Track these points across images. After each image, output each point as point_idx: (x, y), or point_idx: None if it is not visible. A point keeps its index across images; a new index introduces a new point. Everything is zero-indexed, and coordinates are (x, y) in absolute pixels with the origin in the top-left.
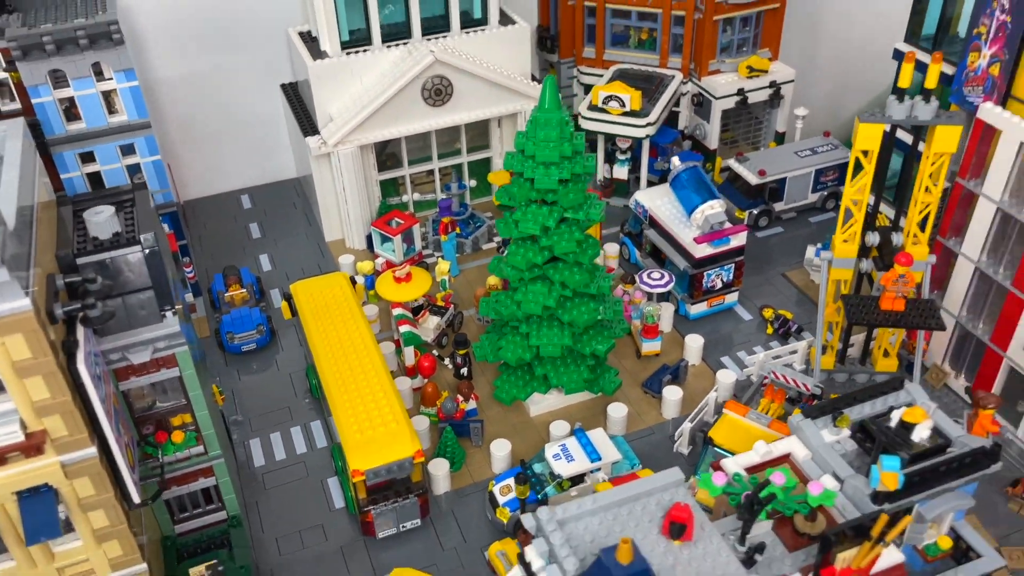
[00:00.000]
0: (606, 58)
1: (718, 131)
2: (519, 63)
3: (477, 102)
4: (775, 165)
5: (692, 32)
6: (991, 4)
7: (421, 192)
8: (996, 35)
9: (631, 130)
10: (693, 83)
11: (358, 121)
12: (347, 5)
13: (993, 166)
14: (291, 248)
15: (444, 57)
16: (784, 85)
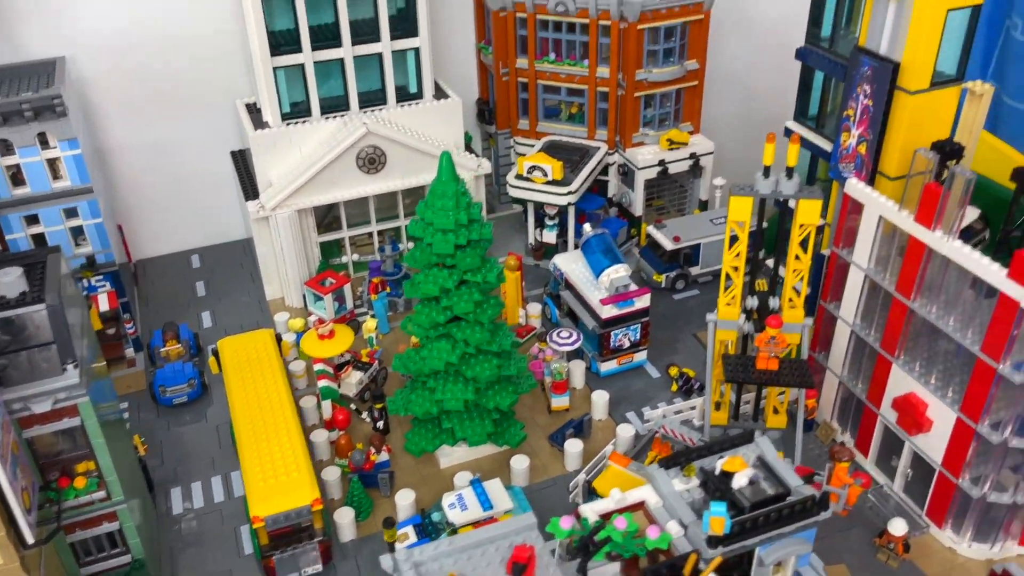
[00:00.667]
0: (539, 129)
1: (642, 199)
2: (452, 134)
3: (410, 170)
4: (690, 232)
5: (616, 107)
6: (856, 90)
7: (361, 253)
8: (861, 117)
9: (554, 198)
10: (619, 154)
11: (295, 187)
12: (288, 80)
13: (860, 237)
14: (233, 305)
15: (376, 129)
16: (704, 157)
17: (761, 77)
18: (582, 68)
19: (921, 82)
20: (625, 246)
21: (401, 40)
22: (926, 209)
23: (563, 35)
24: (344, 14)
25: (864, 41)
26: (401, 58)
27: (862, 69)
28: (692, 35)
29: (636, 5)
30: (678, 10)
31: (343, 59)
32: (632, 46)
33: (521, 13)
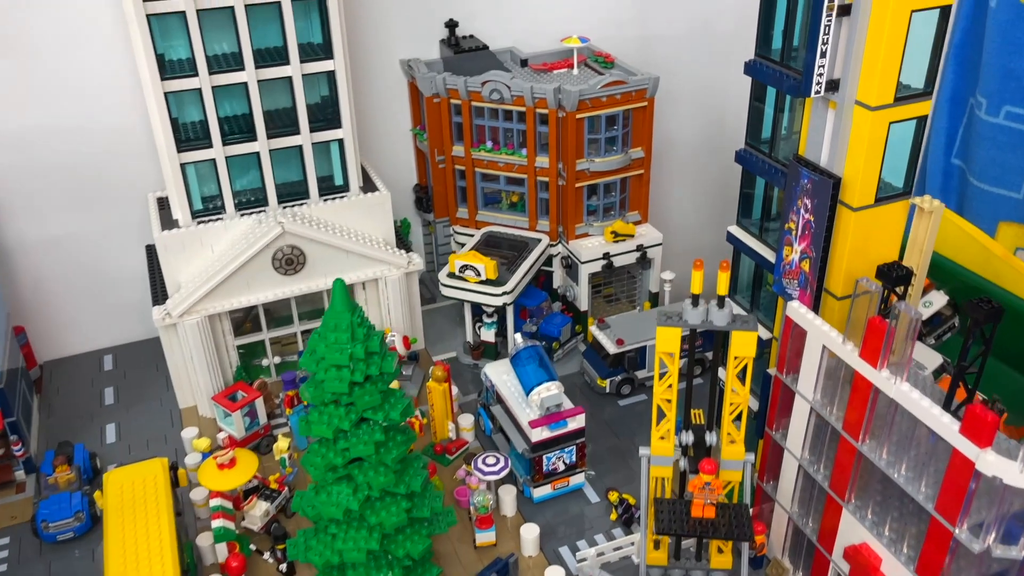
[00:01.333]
0: (479, 219)
1: (587, 294)
2: (381, 229)
3: (333, 270)
4: (635, 332)
5: (557, 198)
6: (796, 202)
7: (285, 354)
8: (803, 232)
9: (488, 298)
10: (563, 246)
11: (204, 292)
12: (199, 175)
13: (804, 365)
14: (142, 416)
15: (293, 228)
16: (651, 248)
17: (711, 164)
18: (520, 157)
19: (865, 198)
20: (570, 344)
21: (323, 132)
22: (871, 346)
23: (500, 123)
24: (257, 105)
25: (803, 150)
26: (324, 150)
27: (802, 181)
28: (636, 122)
29: (574, 94)
30: (619, 98)
31: (259, 153)
32: (571, 135)
33: (455, 100)
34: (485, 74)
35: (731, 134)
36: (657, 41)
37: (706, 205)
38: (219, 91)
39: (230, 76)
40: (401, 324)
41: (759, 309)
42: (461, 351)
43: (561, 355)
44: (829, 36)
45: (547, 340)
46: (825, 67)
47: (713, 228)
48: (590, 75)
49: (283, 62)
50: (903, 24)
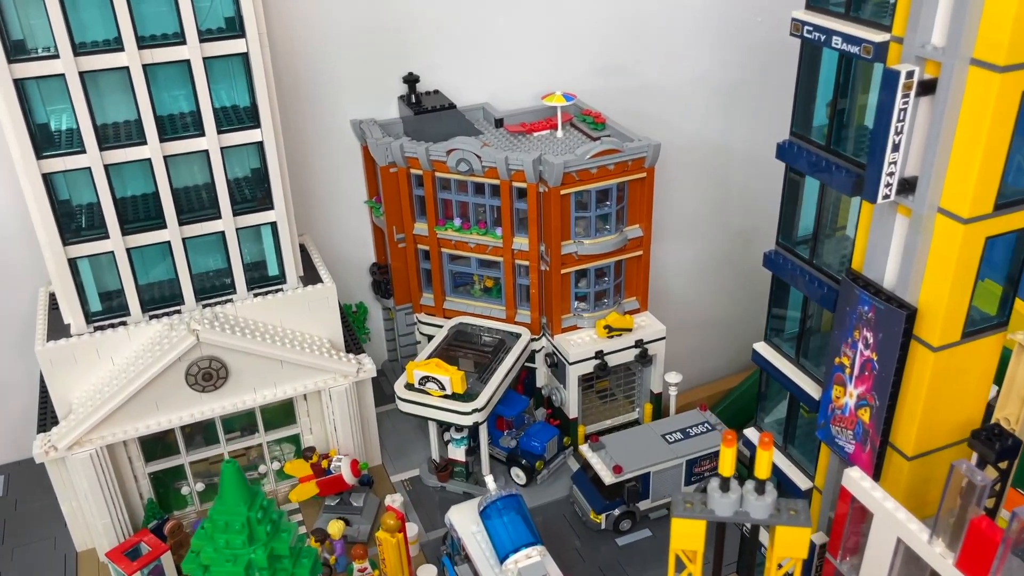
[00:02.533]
0: (446, 307)
1: (577, 398)
2: (326, 328)
3: (264, 382)
4: (636, 456)
5: (540, 285)
6: (852, 334)
7: (213, 475)
8: (862, 373)
9: (455, 417)
10: (547, 340)
11: (98, 418)
12: (94, 267)
13: (868, 554)
14: (30, 564)
15: (210, 337)
16: (653, 343)
17: (718, 237)
18: (494, 238)
19: (949, 334)
20: (557, 461)
21: (252, 214)
22: (973, 556)
23: (469, 197)
24: (165, 184)
25: (860, 265)
26: (254, 235)
27: (861, 308)
28: (632, 196)
29: (557, 166)
30: (612, 169)
31: (170, 242)
32: (555, 214)
33: (416, 170)
34: (451, 140)
35: (741, 202)
36: (653, 94)
37: (716, 281)
38: (117, 169)
39: (128, 152)
40: (351, 443)
41: (793, 446)
42: (425, 470)
43: (546, 475)
44: (904, 123)
45: (529, 459)
46: (898, 164)
47: (725, 314)
48: (578, 139)
49: (197, 132)
50: (1013, 108)
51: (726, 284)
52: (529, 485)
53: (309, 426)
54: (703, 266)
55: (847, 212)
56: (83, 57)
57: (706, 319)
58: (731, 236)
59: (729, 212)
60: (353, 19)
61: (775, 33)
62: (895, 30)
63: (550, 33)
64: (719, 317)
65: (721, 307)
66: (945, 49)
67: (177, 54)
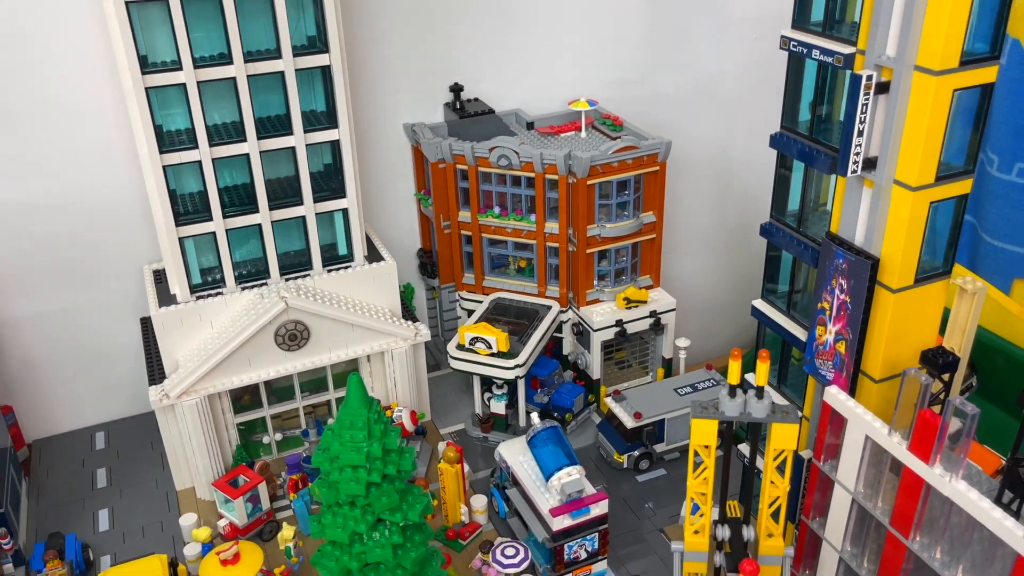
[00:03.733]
0: (486, 284)
1: (599, 362)
2: (387, 299)
3: (338, 344)
4: (653, 405)
5: (568, 264)
6: (830, 283)
7: (287, 429)
8: (838, 313)
9: (500, 371)
10: (573, 312)
11: (203, 372)
12: (197, 248)
13: (844, 454)
14: (137, 500)
15: (297, 303)
16: (665, 314)
17: (722, 225)
18: (529, 223)
19: (904, 278)
20: (583, 414)
21: (327, 201)
22: (922, 440)
23: (508, 188)
24: (259, 176)
25: (836, 228)
26: (328, 219)
27: (836, 261)
28: (647, 187)
29: (585, 160)
30: (631, 163)
31: (260, 224)
32: (582, 201)
33: (461, 165)
34: (493, 140)
35: (739, 195)
36: (663, 102)
37: (718, 268)
38: (220, 163)
39: (231, 148)
40: (408, 398)
41: (785, 385)
42: (469, 423)
43: (575, 427)
44: (867, 115)
45: (559, 411)
46: (863, 146)
47: (726, 290)
48: (599, 139)
49: (286, 132)
50: (945, 104)
51: (728, 271)
52: None
53: (371, 385)
54: (708, 255)
55: (827, 192)
56: (200, 69)
57: (710, 302)
58: (731, 228)
59: (730, 206)
60: (406, 36)
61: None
62: (860, 44)
63: (575, 50)
64: (721, 301)
65: (723, 292)
66: (895, 58)
67: (274, 67)
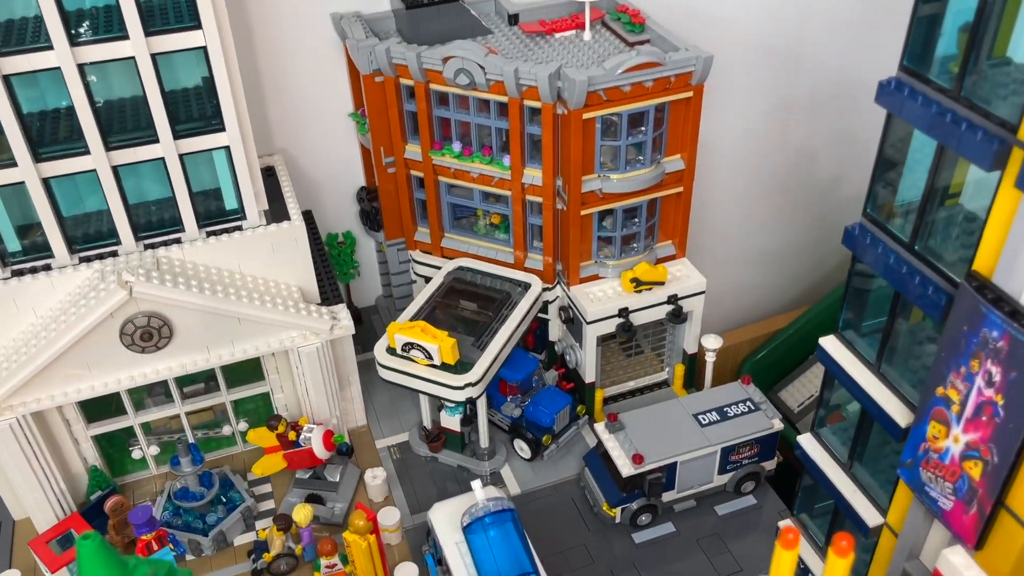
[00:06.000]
0: (445, 245)
1: (594, 362)
2: (295, 274)
3: (218, 341)
4: (661, 441)
5: (555, 227)
6: (967, 361)
7: (166, 438)
8: (977, 416)
9: (443, 391)
10: (562, 290)
11: (15, 384)
12: (5, 202)
13: None
14: None
15: (147, 290)
16: (689, 299)
17: (778, 170)
18: (501, 168)
19: None
20: (569, 432)
21: (196, 137)
22: None
23: (471, 116)
24: (82, 100)
25: (989, 268)
26: (205, 162)
27: (985, 330)
28: (674, 121)
29: (580, 83)
30: (650, 86)
31: (96, 171)
32: (575, 142)
33: (406, 80)
34: (448, 45)
35: (804, 115)
36: None
37: (768, 216)
38: (21, 80)
39: (31, 59)
40: (326, 407)
41: (861, 463)
42: (416, 435)
43: (555, 451)
44: None
45: (534, 431)
46: None
47: (775, 245)
48: (609, 43)
49: (118, 34)
50: None
51: (781, 212)
52: (535, 460)
53: (279, 383)
54: (755, 192)
55: (965, 171)
56: None
57: (754, 252)
58: (790, 156)
59: (791, 129)
60: None
61: None
62: None
63: None
64: (769, 248)
65: (772, 238)
66: None
67: None
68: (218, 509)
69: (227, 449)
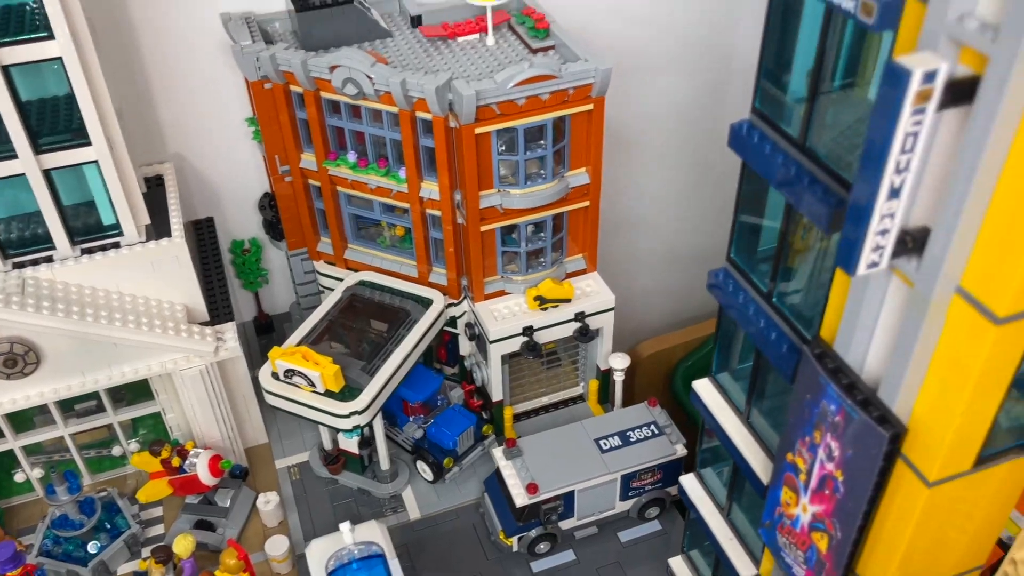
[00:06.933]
0: (348, 256)
1: (501, 380)
2: (180, 291)
3: (92, 365)
4: (559, 469)
5: (457, 241)
6: (811, 431)
7: (49, 462)
8: (821, 488)
9: (329, 419)
10: (468, 306)
11: None
12: None
13: None
14: None
15: (7, 317)
16: (597, 316)
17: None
18: (398, 181)
19: (955, 463)
20: (473, 454)
21: (60, 151)
22: None
23: (365, 126)
24: None
25: (830, 335)
26: (75, 175)
27: (825, 404)
28: (576, 133)
29: (468, 98)
30: (547, 99)
31: None
32: (469, 157)
33: (295, 87)
34: (335, 53)
35: (720, 119)
36: None
37: (684, 216)
38: None
39: None
40: (216, 430)
41: (740, 505)
42: (316, 456)
43: (457, 473)
44: (914, 152)
45: (436, 454)
46: (897, 214)
47: (693, 247)
48: (513, 48)
49: None
50: None
51: (696, 211)
52: (437, 482)
53: (170, 404)
54: (668, 193)
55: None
56: None
57: (671, 253)
58: (703, 146)
59: (703, 132)
60: None
61: None
62: None
63: None
64: (686, 251)
65: (689, 239)
66: (1001, 27)
67: None
68: (101, 537)
69: (120, 470)
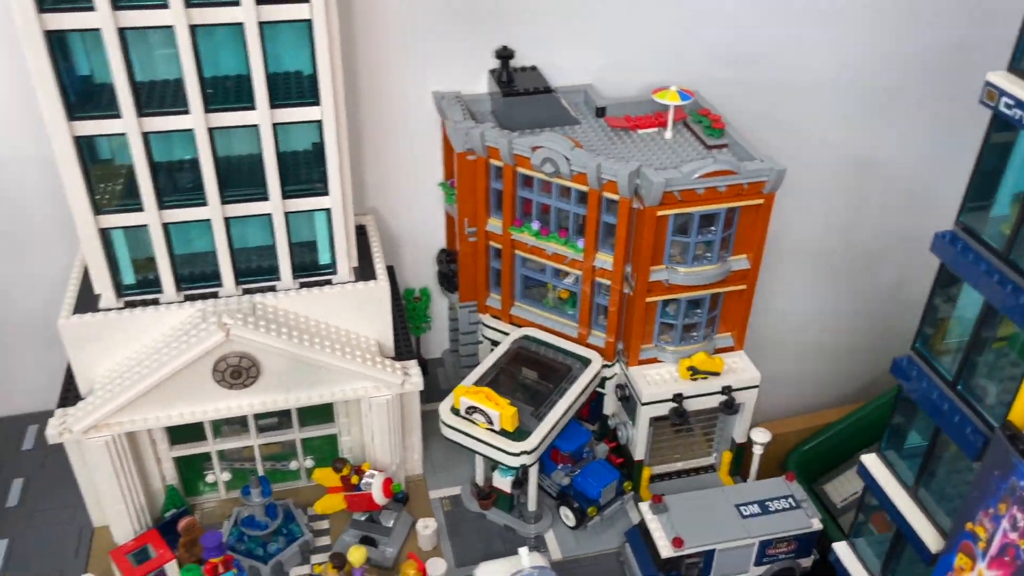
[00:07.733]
0: (514, 312)
1: (645, 440)
2: (376, 329)
3: (298, 384)
4: (702, 527)
5: (620, 310)
6: (995, 503)
7: (237, 465)
8: (1001, 555)
9: (500, 456)
10: (620, 369)
11: (115, 406)
12: (129, 241)
13: None
14: (47, 533)
15: (242, 334)
16: (742, 391)
17: (842, 265)
18: (575, 250)
19: None
20: (613, 506)
21: (303, 198)
22: None
23: (552, 200)
24: (207, 157)
25: (1019, 417)
26: (305, 218)
27: (1015, 479)
28: (744, 223)
29: (657, 184)
30: (723, 191)
31: (210, 220)
32: (648, 235)
33: (496, 161)
34: (538, 136)
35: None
36: (784, 91)
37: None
38: (156, 138)
39: (168, 121)
40: (390, 457)
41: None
42: (468, 490)
43: (599, 523)
44: None
45: (580, 501)
46: None
47: (833, 340)
48: (688, 143)
49: (246, 105)
50: None
51: (841, 307)
52: (578, 528)
53: (348, 427)
54: (818, 286)
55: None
56: (122, 12)
57: (810, 344)
58: (857, 256)
59: (858, 230)
60: None
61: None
62: None
63: (671, 7)
64: (825, 342)
65: (830, 333)
66: None
67: (230, 16)
68: (279, 540)
69: (292, 483)
